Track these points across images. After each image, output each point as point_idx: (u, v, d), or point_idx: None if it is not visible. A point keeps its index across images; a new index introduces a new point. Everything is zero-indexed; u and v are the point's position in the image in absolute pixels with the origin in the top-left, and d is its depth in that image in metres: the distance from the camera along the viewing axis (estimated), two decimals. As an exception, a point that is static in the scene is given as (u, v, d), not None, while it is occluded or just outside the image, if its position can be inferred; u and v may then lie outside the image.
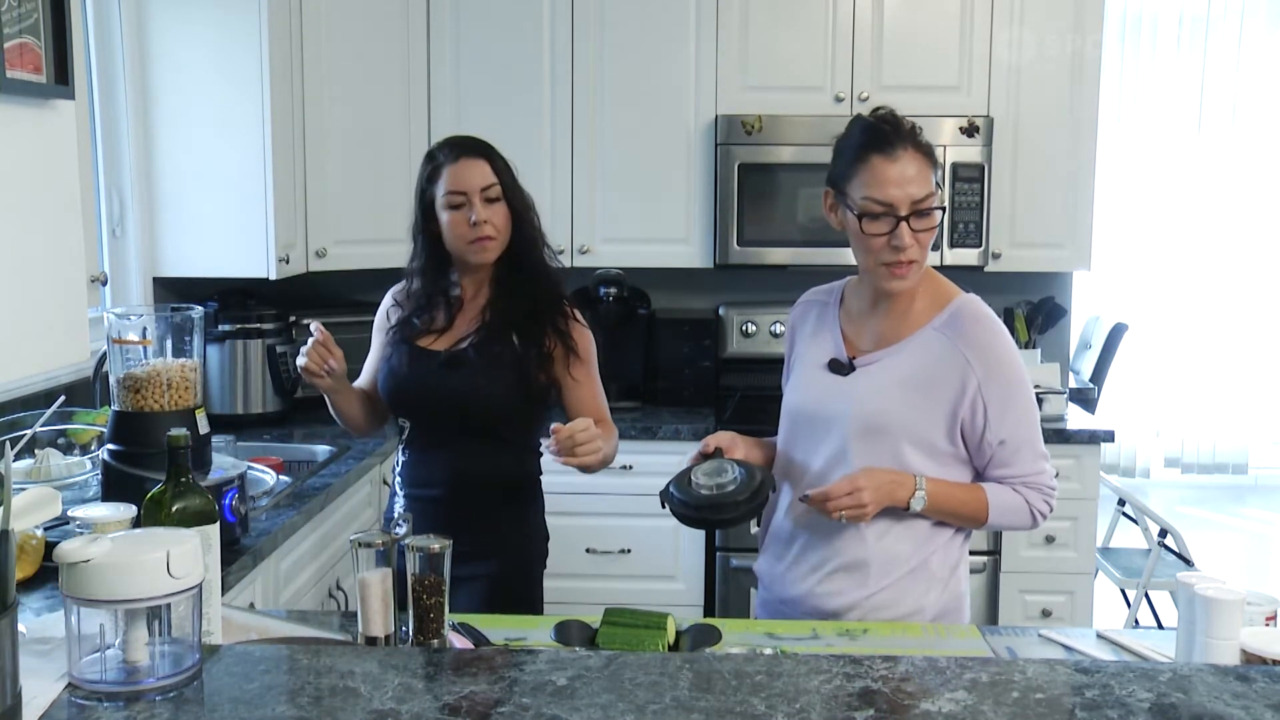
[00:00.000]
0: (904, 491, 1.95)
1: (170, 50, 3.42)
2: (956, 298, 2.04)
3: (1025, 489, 2.01)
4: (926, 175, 1.96)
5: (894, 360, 2.00)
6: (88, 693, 1.39)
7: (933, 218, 1.96)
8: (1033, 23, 3.92)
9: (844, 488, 1.92)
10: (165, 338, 2.22)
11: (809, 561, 2.05)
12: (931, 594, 2.02)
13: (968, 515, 2.01)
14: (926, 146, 1.99)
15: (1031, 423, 2.02)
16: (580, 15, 3.93)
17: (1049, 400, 3.92)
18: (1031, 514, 2.03)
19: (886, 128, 1.97)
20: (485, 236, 2.37)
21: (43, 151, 1.96)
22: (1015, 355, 2.01)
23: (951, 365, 1.97)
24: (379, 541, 1.66)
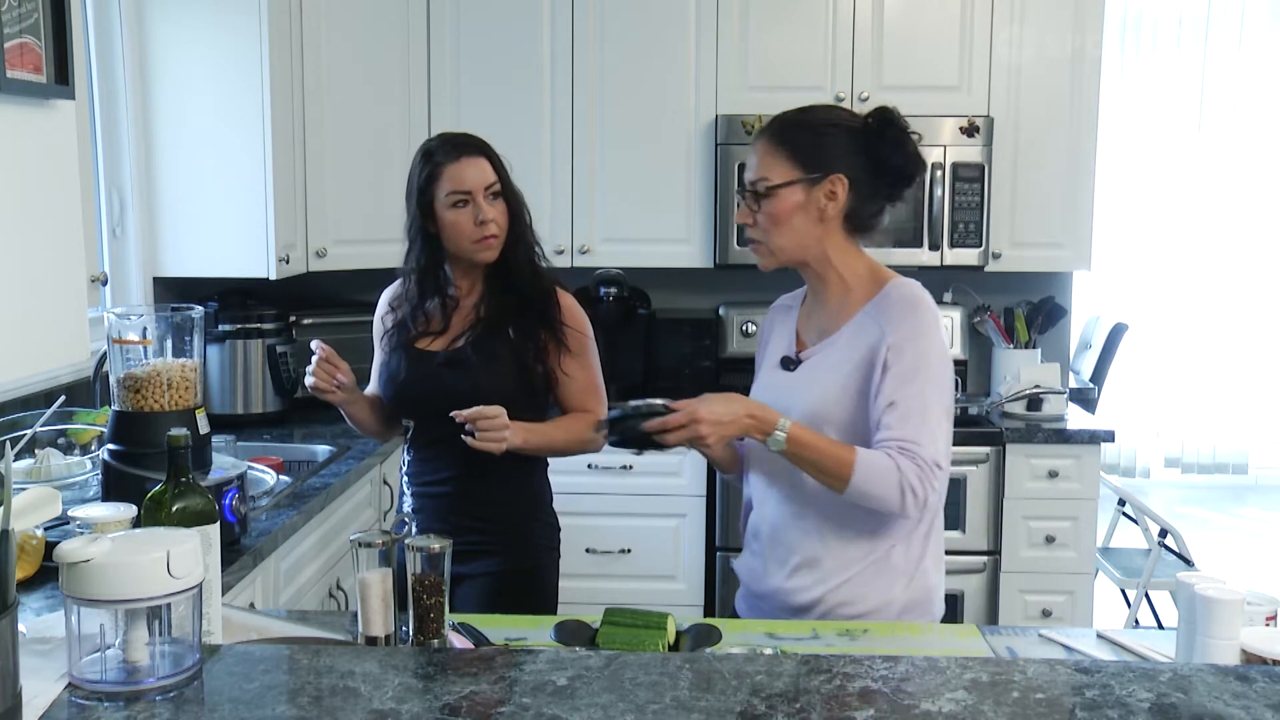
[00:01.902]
0: (764, 427, 1.91)
1: (170, 50, 3.42)
2: (890, 281, 2.03)
3: (900, 455, 1.88)
4: (767, 160, 1.99)
5: (832, 350, 2.01)
6: (88, 693, 1.39)
7: (768, 200, 1.97)
8: (1033, 22, 3.93)
9: (680, 418, 1.90)
10: (165, 338, 2.22)
11: (776, 558, 2.06)
12: (895, 588, 2.01)
13: (829, 469, 1.90)
14: (780, 132, 2.00)
15: (928, 396, 1.91)
16: (580, 15, 3.93)
17: (1049, 400, 3.93)
18: (901, 486, 1.88)
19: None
20: (491, 235, 2.39)
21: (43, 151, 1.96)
22: (933, 334, 1.96)
23: (871, 341, 1.96)
24: (379, 541, 1.66)
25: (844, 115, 2.04)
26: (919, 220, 3.91)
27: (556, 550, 2.55)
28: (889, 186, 2.01)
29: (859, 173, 1.98)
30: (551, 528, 2.54)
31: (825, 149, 1.98)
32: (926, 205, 3.89)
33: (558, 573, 2.55)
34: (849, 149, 1.98)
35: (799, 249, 2.01)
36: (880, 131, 1.98)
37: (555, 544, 2.55)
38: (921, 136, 2.03)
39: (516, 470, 2.44)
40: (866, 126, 1.99)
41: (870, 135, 1.98)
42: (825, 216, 1.98)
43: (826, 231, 2.00)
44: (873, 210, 2.02)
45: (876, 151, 1.98)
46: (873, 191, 2.00)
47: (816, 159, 1.97)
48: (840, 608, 2.00)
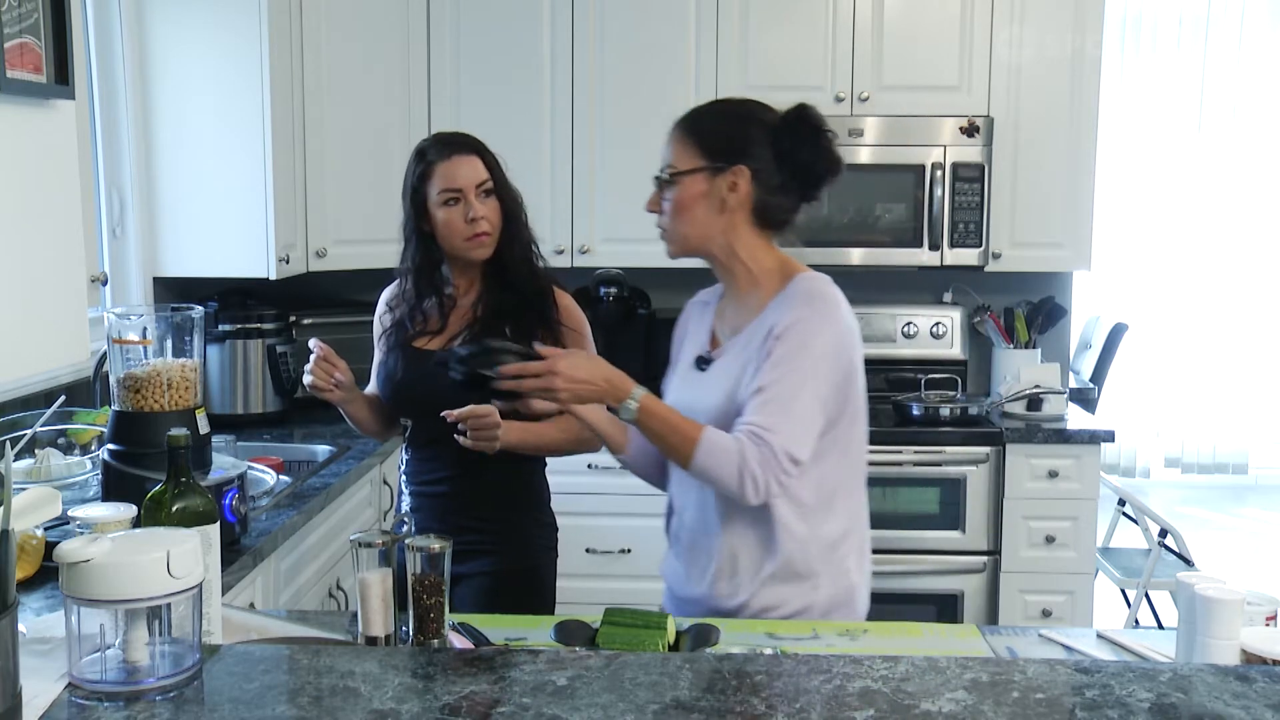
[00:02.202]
0: (617, 394, 1.89)
1: (170, 50, 3.42)
2: (798, 275, 2.03)
3: (748, 439, 1.86)
4: (675, 148, 2.00)
5: (739, 348, 2.00)
6: (88, 693, 1.39)
7: (672, 187, 1.99)
8: (1033, 22, 3.93)
9: (538, 366, 1.88)
10: (165, 338, 2.22)
11: (696, 563, 2.05)
12: (820, 591, 2.01)
13: (675, 444, 1.89)
14: (691, 122, 2.02)
15: (795, 387, 1.89)
16: (580, 15, 3.93)
17: (1049, 400, 3.93)
18: (740, 471, 1.85)
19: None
20: (482, 233, 2.40)
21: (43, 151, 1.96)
22: (821, 329, 1.93)
23: (766, 332, 1.95)
24: (379, 541, 1.66)
25: (758, 109, 2.03)
26: (919, 220, 3.91)
27: (554, 550, 2.55)
28: (800, 184, 2.01)
29: (766, 166, 1.97)
30: (549, 528, 2.54)
31: (731, 140, 1.98)
32: (926, 205, 3.89)
33: (555, 573, 2.55)
34: (757, 142, 1.98)
35: (701, 239, 2.01)
36: (793, 128, 1.98)
37: (553, 544, 2.55)
38: (836, 135, 2.01)
39: (514, 470, 2.44)
40: (780, 122, 1.99)
41: (782, 131, 1.98)
42: (727, 207, 1.98)
43: (731, 224, 1.99)
44: (784, 206, 2.02)
45: (787, 147, 1.98)
46: (781, 187, 1.99)
47: (721, 149, 1.98)
48: (766, 614, 2.00)
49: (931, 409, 3.87)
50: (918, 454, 3.76)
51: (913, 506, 3.78)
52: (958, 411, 3.86)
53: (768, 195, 1.99)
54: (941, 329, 4.22)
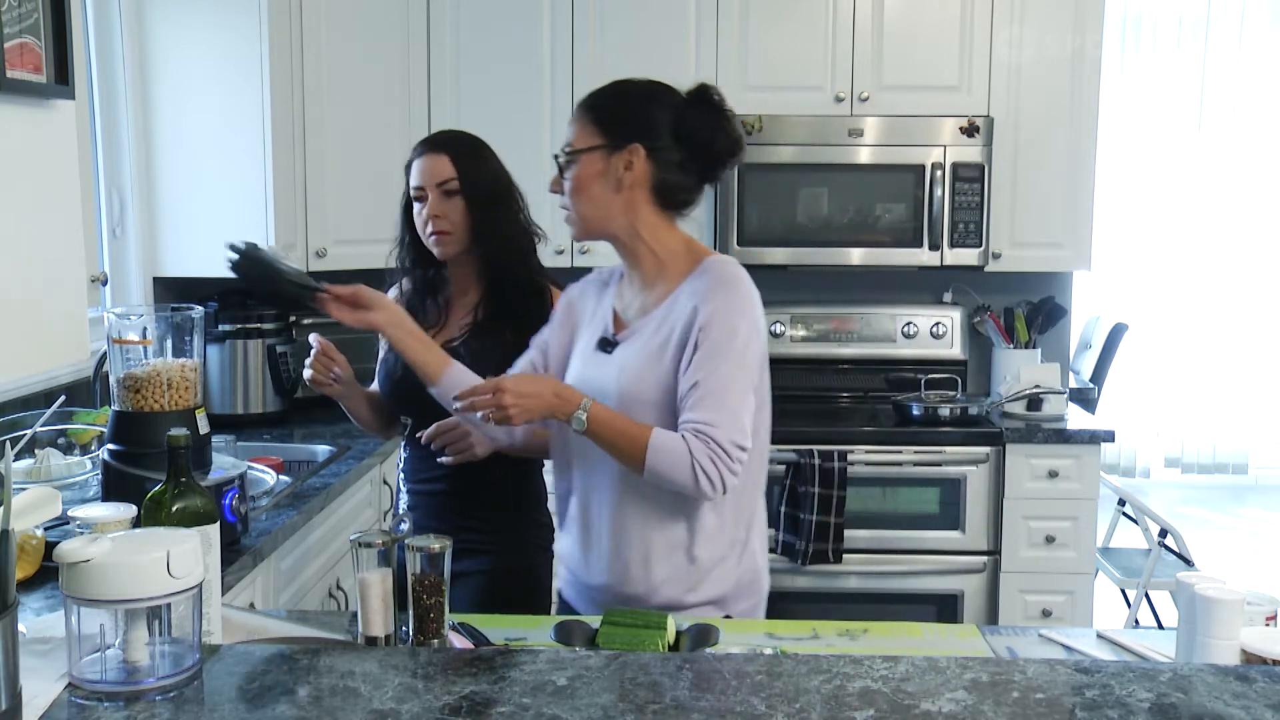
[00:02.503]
0: (566, 407, 1.91)
1: (170, 50, 3.42)
2: (707, 258, 2.04)
3: (694, 438, 1.89)
4: (575, 127, 2.02)
5: (648, 329, 2.01)
6: (88, 693, 1.39)
7: (571, 167, 2.01)
8: (1033, 22, 3.93)
9: (488, 386, 1.90)
10: (165, 338, 2.22)
11: (603, 550, 2.05)
12: (729, 579, 2.03)
13: (626, 450, 1.92)
14: (591, 101, 2.04)
15: (728, 378, 1.92)
16: (580, 15, 3.93)
17: (1049, 400, 3.93)
18: (693, 469, 1.88)
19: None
20: (438, 231, 2.39)
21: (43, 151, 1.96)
22: (743, 315, 1.96)
23: (688, 320, 1.96)
24: (379, 541, 1.66)
25: (659, 89, 2.04)
26: (919, 220, 3.91)
27: (550, 550, 2.55)
28: (700, 164, 2.01)
29: (664, 145, 1.98)
30: (545, 528, 2.54)
31: (629, 119, 1.99)
32: (926, 205, 3.89)
33: (551, 572, 2.55)
34: (656, 122, 1.99)
35: (601, 219, 2.02)
36: (692, 106, 1.99)
37: (548, 544, 2.55)
38: (735, 115, 2.02)
39: (510, 470, 2.44)
40: (680, 102, 2.00)
41: (682, 111, 1.99)
42: (623, 186, 1.99)
43: (630, 203, 2.00)
44: (684, 186, 2.02)
45: (686, 127, 1.98)
46: (680, 166, 2.00)
47: (618, 128, 1.99)
48: (675, 600, 2.01)
49: (931, 409, 3.87)
50: (918, 454, 3.76)
51: (913, 506, 3.78)
52: (958, 411, 3.86)
53: (667, 175, 2.00)
54: (941, 329, 4.22)
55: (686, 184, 2.02)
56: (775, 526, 3.71)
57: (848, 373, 4.25)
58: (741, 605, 2.07)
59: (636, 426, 1.93)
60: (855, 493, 3.70)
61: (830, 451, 3.65)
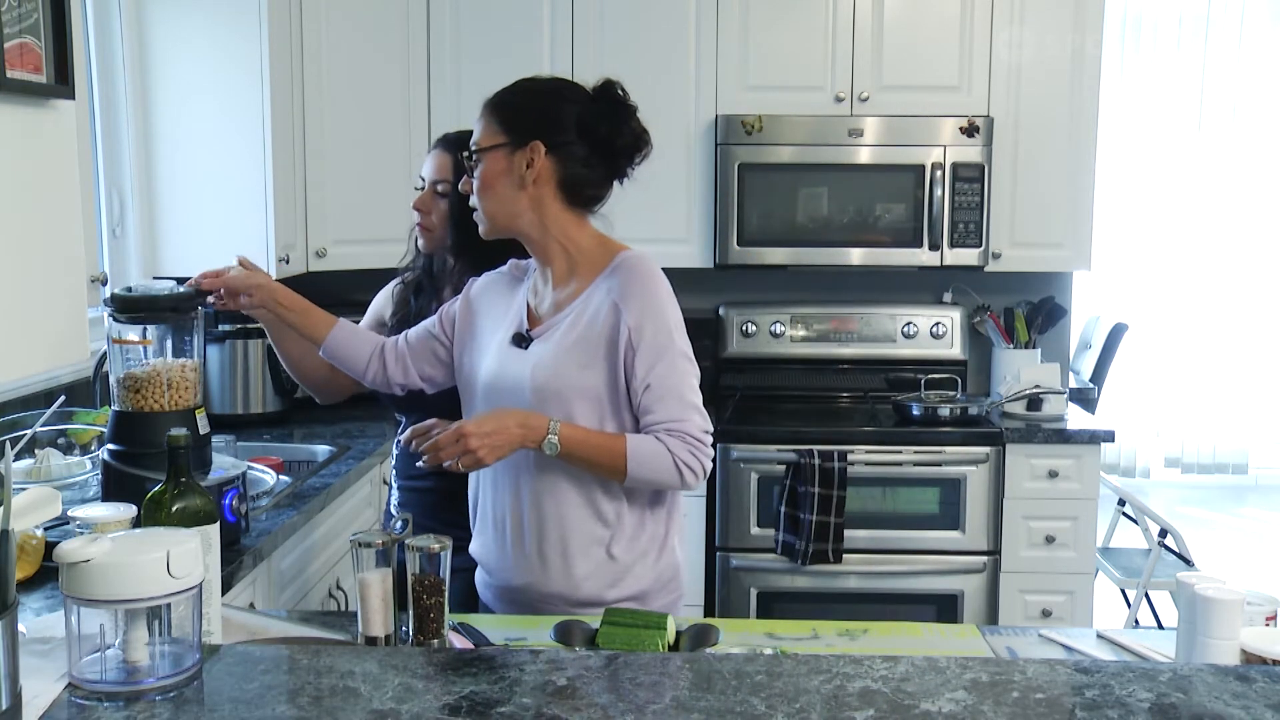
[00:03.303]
0: (534, 435, 1.93)
1: (170, 50, 3.42)
2: (620, 253, 2.06)
3: (668, 436, 1.95)
4: (480, 126, 2.05)
5: (564, 324, 2.02)
6: (88, 693, 1.39)
7: (477, 166, 2.03)
8: (1033, 23, 3.93)
9: (450, 436, 1.91)
10: (165, 338, 2.22)
11: (523, 549, 2.06)
12: (649, 575, 2.05)
13: (605, 463, 1.96)
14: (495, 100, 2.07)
15: (679, 372, 1.99)
16: (580, 15, 3.92)
17: (1049, 400, 3.93)
18: (676, 465, 1.95)
19: None
20: (420, 225, 2.45)
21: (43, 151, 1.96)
22: (668, 306, 2.01)
23: (610, 317, 1.98)
24: (379, 541, 1.66)
25: (563, 86, 2.07)
26: (919, 220, 3.91)
27: None
28: (607, 160, 2.03)
29: (568, 142, 2.00)
30: None
31: (531, 117, 2.01)
32: (926, 205, 3.89)
33: None
34: (560, 118, 2.00)
35: (508, 216, 2.03)
36: (595, 102, 2.01)
37: None
38: (638, 108, 2.04)
39: None
40: (585, 98, 2.02)
41: (585, 107, 2.01)
42: (526, 183, 2.00)
43: (537, 199, 2.02)
44: (591, 182, 2.04)
45: (592, 124, 2.00)
46: (585, 162, 2.01)
47: (521, 126, 2.01)
48: (595, 598, 2.02)
49: (931, 409, 3.87)
50: (918, 454, 3.76)
51: (913, 506, 3.78)
52: (958, 411, 3.86)
53: (572, 171, 2.01)
54: (941, 329, 4.22)
55: (593, 180, 2.05)
56: (775, 526, 3.71)
57: (848, 373, 4.25)
58: (661, 601, 2.09)
59: (609, 438, 1.97)
60: (855, 493, 3.70)
61: (830, 451, 3.65)
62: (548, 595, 2.04)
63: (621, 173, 2.06)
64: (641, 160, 2.05)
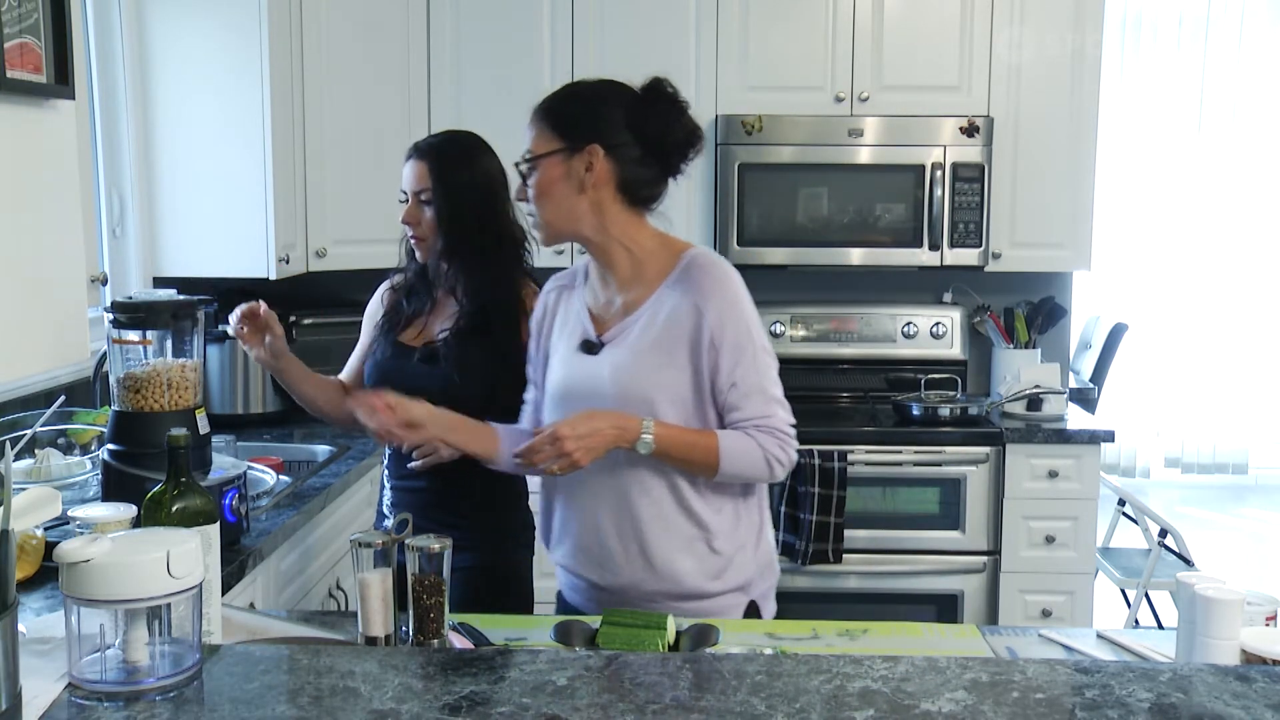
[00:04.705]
0: (628, 435, 1.93)
1: (170, 50, 3.42)
2: (687, 252, 2.06)
3: (757, 432, 1.98)
4: (533, 134, 2.04)
5: (637, 327, 2.02)
6: (88, 693, 1.39)
7: (533, 173, 2.02)
8: (1033, 22, 3.93)
9: (543, 440, 1.92)
10: (165, 338, 2.22)
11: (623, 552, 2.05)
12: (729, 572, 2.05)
13: (699, 460, 1.98)
14: (546, 106, 2.06)
15: (762, 367, 2.00)
16: (580, 16, 3.93)
17: (1049, 400, 3.93)
18: (766, 460, 1.99)
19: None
20: (413, 236, 2.46)
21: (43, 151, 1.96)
22: (745, 301, 2.02)
23: (687, 317, 1.98)
24: (379, 541, 1.66)
25: (614, 88, 2.05)
26: (919, 220, 3.91)
27: (531, 548, 2.57)
28: (660, 158, 2.02)
29: (623, 143, 1.99)
30: (526, 526, 2.56)
31: (585, 120, 2.01)
32: (926, 205, 3.89)
33: (531, 570, 2.56)
34: (612, 120, 2.00)
35: (569, 221, 2.03)
36: (646, 102, 2.00)
37: (529, 542, 2.57)
38: (690, 105, 2.03)
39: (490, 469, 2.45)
40: (635, 98, 2.01)
41: (638, 107, 2.00)
42: (586, 187, 2.00)
43: (597, 203, 2.01)
44: (648, 181, 2.03)
45: (644, 123, 1.99)
46: (641, 161, 2.01)
47: (575, 130, 2.00)
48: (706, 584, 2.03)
49: (931, 409, 3.87)
50: (918, 454, 3.76)
51: (913, 506, 3.78)
52: (958, 411, 3.86)
53: (629, 171, 2.01)
54: (941, 329, 4.22)
55: (649, 178, 2.04)
56: (775, 526, 3.70)
57: (848, 373, 4.25)
58: (761, 588, 2.11)
59: (700, 435, 1.98)
60: (855, 493, 3.70)
61: (830, 451, 3.65)
62: (650, 594, 2.04)
63: (676, 170, 2.05)
64: (695, 156, 2.05)
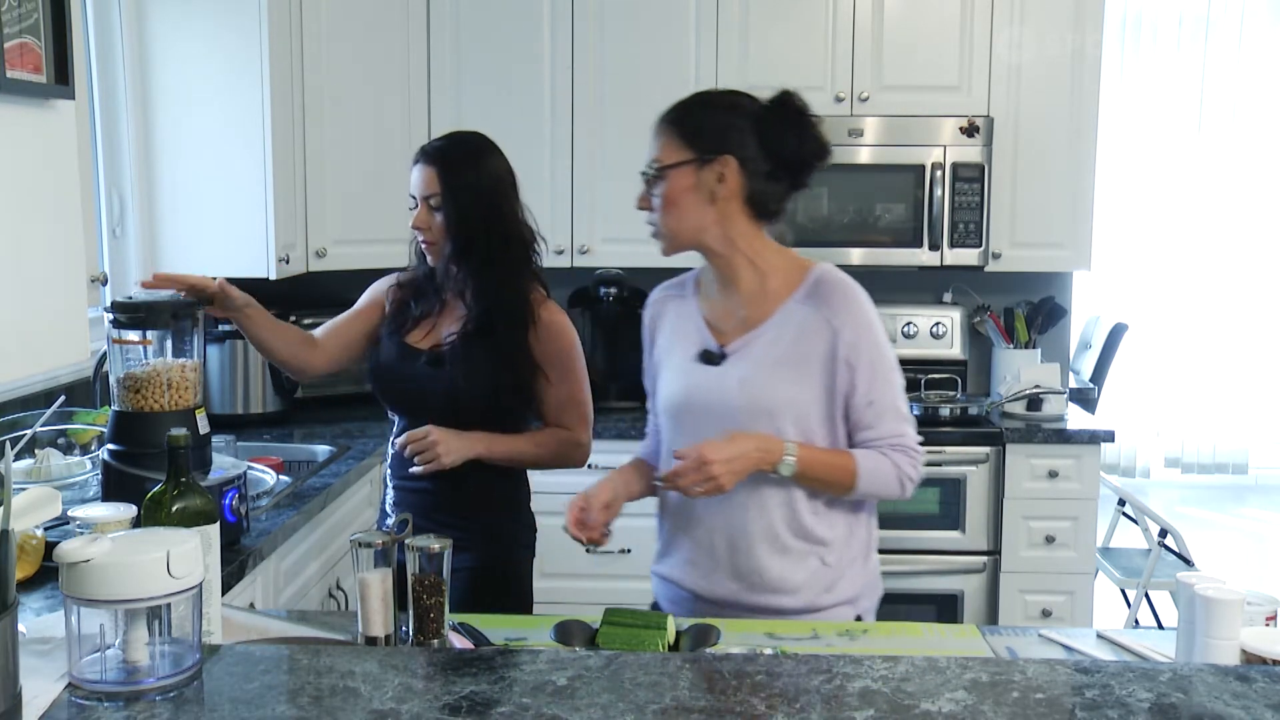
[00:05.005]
0: (771, 457, 1.93)
1: (170, 50, 3.42)
2: (814, 268, 2.04)
3: (891, 451, 2.00)
4: (661, 142, 2.01)
5: (764, 340, 2.00)
6: (88, 693, 1.39)
7: (660, 182, 2.00)
8: (1033, 23, 3.93)
9: (689, 464, 1.90)
10: (165, 338, 2.22)
11: (734, 564, 2.03)
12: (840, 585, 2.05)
13: (836, 480, 1.99)
14: (675, 115, 2.04)
15: (895, 386, 2.01)
16: (580, 16, 3.92)
17: (1049, 400, 3.93)
18: (900, 479, 2.01)
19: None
20: (424, 241, 2.44)
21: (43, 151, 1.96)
22: (877, 319, 2.02)
23: (819, 335, 1.97)
24: (379, 541, 1.66)
25: (743, 99, 2.04)
26: (919, 220, 3.91)
27: (531, 549, 2.57)
28: (789, 171, 2.00)
29: (753, 155, 1.98)
30: (528, 528, 2.56)
31: (716, 131, 1.99)
32: (926, 205, 3.89)
33: (532, 571, 2.57)
34: (742, 131, 1.98)
35: (694, 232, 2.01)
36: (776, 114, 1.99)
37: (530, 543, 2.57)
38: (821, 120, 2.02)
39: (493, 470, 2.45)
40: (764, 110, 2.00)
41: (767, 119, 1.99)
42: (716, 198, 1.98)
43: (724, 215, 2.00)
44: (775, 194, 2.02)
45: (773, 135, 1.98)
46: (770, 174, 1.99)
47: (707, 141, 1.98)
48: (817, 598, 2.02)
49: (931, 409, 3.86)
50: (918, 454, 3.75)
51: (913, 506, 3.77)
52: (958, 411, 3.86)
53: (758, 184, 1.99)
54: (941, 329, 4.22)
55: (777, 192, 2.02)
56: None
57: (848, 373, 4.24)
58: (867, 603, 2.10)
59: (839, 456, 1.99)
60: (855, 493, 3.70)
61: (830, 451, 3.64)
62: (759, 606, 2.03)
63: (804, 183, 2.04)
64: (821, 168, 2.03)
